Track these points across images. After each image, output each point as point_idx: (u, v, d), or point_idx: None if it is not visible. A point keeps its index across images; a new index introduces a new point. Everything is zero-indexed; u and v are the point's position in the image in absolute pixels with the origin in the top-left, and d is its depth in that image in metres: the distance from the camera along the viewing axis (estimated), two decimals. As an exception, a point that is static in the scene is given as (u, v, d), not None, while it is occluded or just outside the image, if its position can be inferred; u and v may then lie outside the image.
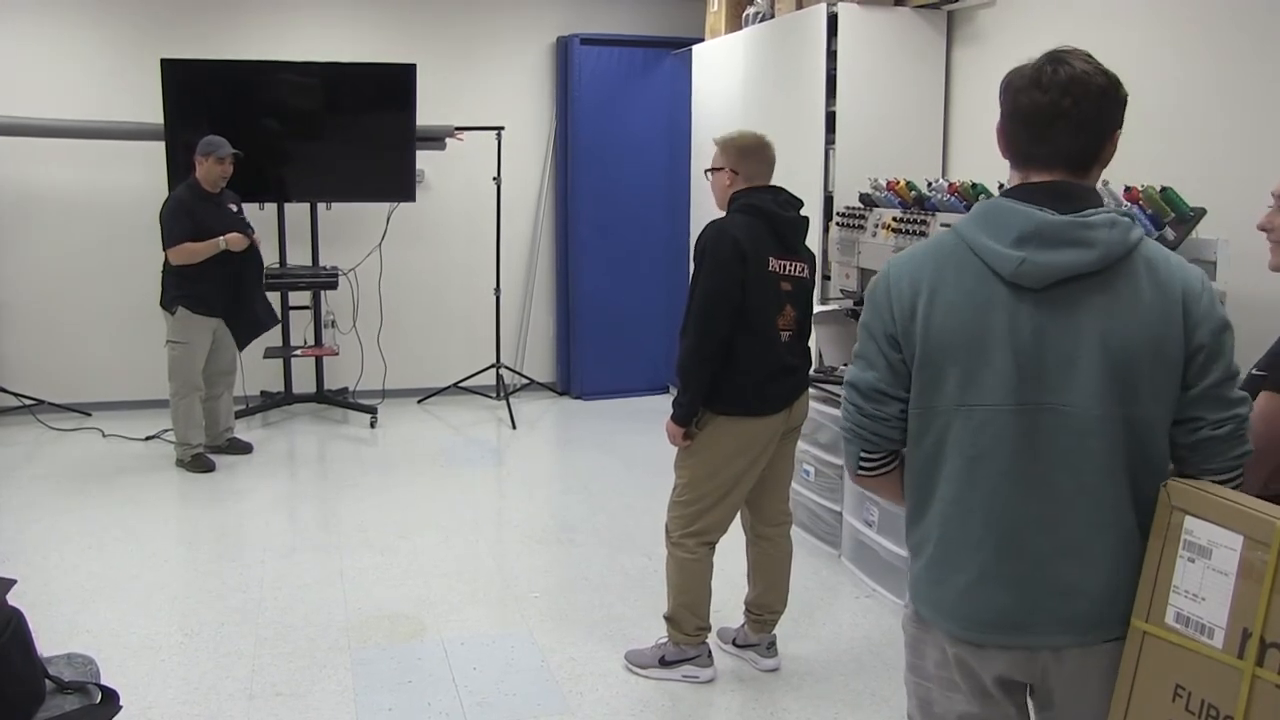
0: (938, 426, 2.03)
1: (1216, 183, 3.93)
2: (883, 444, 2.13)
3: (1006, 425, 1.97)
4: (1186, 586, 1.89)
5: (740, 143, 3.92)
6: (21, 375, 7.68)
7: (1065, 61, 1.96)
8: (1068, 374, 1.95)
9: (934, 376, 2.01)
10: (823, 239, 5.80)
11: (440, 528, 5.62)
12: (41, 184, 7.61)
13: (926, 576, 2.09)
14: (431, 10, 8.14)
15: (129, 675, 3.97)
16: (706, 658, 4.02)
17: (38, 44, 7.48)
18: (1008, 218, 1.97)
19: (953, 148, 5.82)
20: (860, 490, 2.29)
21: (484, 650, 4.26)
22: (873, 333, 2.09)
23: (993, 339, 1.96)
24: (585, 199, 8.35)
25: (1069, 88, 1.94)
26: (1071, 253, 1.92)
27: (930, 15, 5.75)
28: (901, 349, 2.05)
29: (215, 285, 6.47)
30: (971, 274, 1.98)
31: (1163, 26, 4.38)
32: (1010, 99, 2.02)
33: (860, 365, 2.11)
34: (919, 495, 2.11)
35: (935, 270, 2.02)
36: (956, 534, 2.04)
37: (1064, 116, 1.95)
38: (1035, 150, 2.01)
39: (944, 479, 2.04)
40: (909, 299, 2.03)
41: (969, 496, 2.01)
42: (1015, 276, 1.94)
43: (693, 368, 3.72)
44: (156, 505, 5.99)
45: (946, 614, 2.06)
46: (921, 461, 2.08)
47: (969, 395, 1.99)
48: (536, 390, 8.67)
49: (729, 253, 3.69)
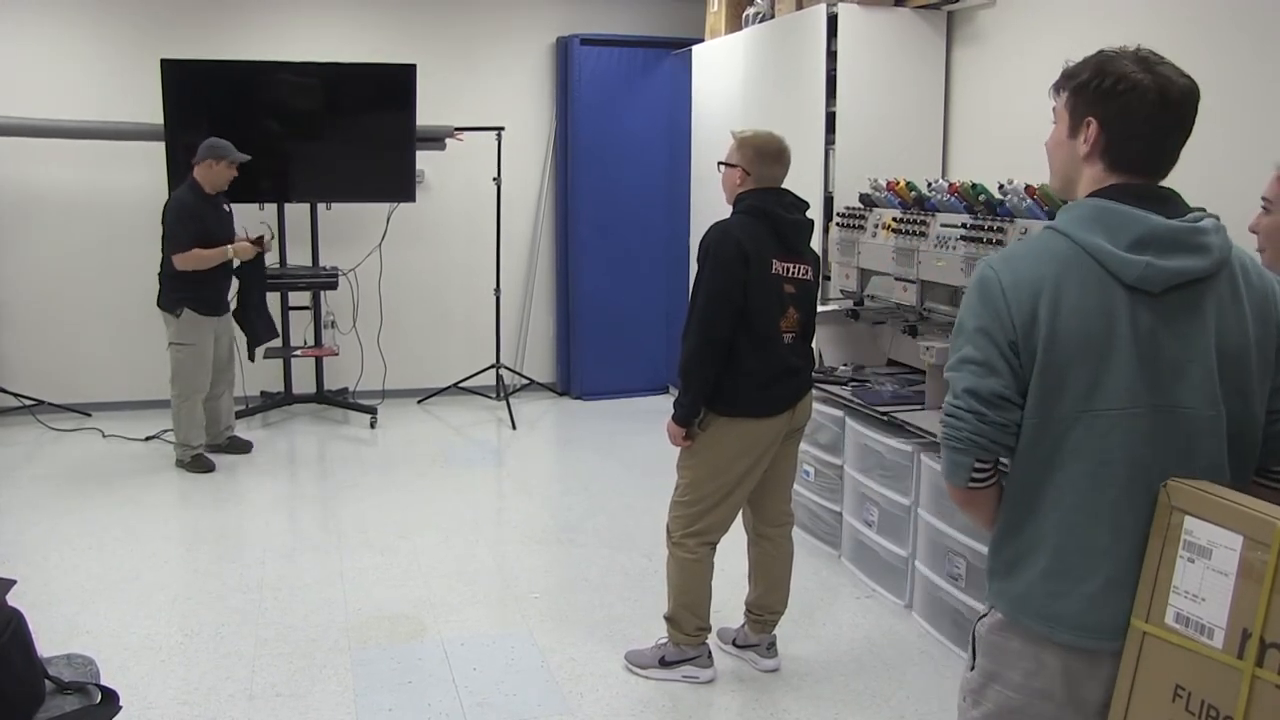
0: (1054, 434, 2.01)
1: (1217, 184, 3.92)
2: (998, 452, 2.07)
3: (1130, 429, 1.97)
4: (1186, 587, 1.89)
5: (758, 145, 3.90)
6: (21, 375, 7.69)
7: (1179, 75, 1.99)
8: (1183, 376, 1.97)
9: (1055, 383, 1.99)
10: (823, 239, 5.79)
11: (440, 528, 5.61)
12: (41, 184, 7.61)
13: (1042, 589, 2.05)
14: (431, 10, 8.14)
15: (129, 676, 3.97)
16: (706, 658, 4.01)
17: (37, 44, 7.48)
18: (1121, 220, 1.97)
19: (953, 148, 5.81)
20: (960, 505, 2.20)
21: (484, 651, 4.26)
22: (992, 338, 2.01)
23: (1116, 343, 1.96)
24: (585, 199, 8.35)
25: (1193, 100, 1.99)
26: (1190, 258, 1.95)
27: (930, 16, 5.74)
28: (1020, 354, 2.00)
29: (219, 287, 6.55)
30: (1093, 278, 1.97)
31: (1163, 27, 4.38)
32: (1140, 113, 1.99)
33: (979, 371, 2.02)
34: (1023, 506, 2.08)
35: (1055, 274, 1.99)
36: (1079, 542, 2.01)
37: (1180, 128, 2.00)
38: (1157, 160, 2.03)
39: (1057, 487, 2.02)
40: (1029, 304, 1.99)
41: (1093, 503, 2.00)
42: (1139, 281, 1.95)
43: (694, 369, 3.73)
44: (156, 506, 5.99)
45: (1069, 625, 2.03)
46: (1029, 471, 2.05)
47: (1094, 401, 1.98)
48: (536, 390, 8.67)
49: (732, 254, 3.69)
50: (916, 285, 4.94)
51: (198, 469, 6.53)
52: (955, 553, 4.26)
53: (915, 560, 4.57)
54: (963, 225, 4.60)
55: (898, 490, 4.65)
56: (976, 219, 4.57)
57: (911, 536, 4.58)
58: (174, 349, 6.46)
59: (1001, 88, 5.40)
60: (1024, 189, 4.37)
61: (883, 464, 4.78)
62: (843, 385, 5.20)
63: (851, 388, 5.14)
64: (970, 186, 4.75)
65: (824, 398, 5.21)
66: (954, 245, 4.64)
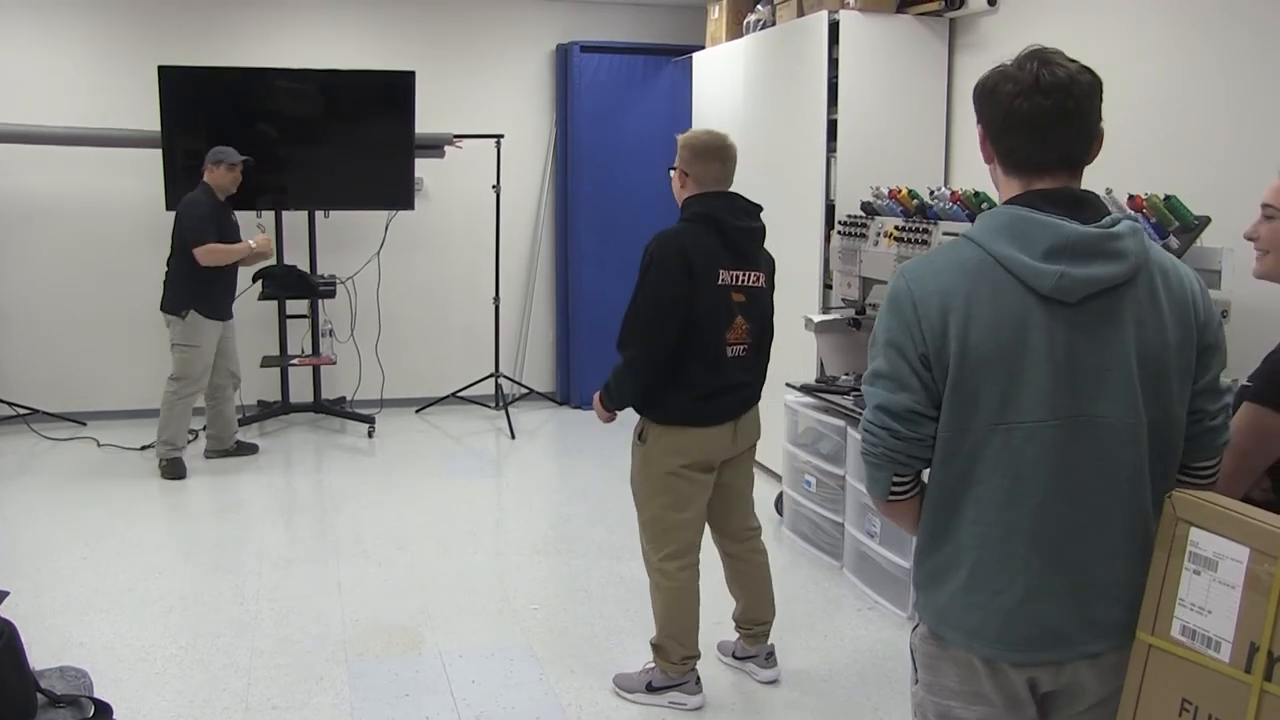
0: (969, 446, 1.98)
1: (1220, 190, 3.90)
2: (915, 466, 2.05)
3: (1047, 441, 1.94)
4: (1192, 599, 1.86)
5: (695, 144, 3.78)
6: (16, 384, 7.66)
7: (1054, 62, 1.94)
8: (1102, 384, 1.93)
9: (968, 396, 1.95)
10: (824, 248, 5.78)
11: (438, 539, 5.58)
12: (38, 191, 7.59)
13: (961, 601, 2.03)
14: (431, 17, 8.13)
15: (123, 689, 3.93)
16: (694, 684, 3.93)
17: (35, 51, 7.47)
18: (1033, 229, 1.93)
19: (955, 156, 5.80)
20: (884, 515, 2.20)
21: (482, 663, 4.22)
22: (902, 352, 1.99)
23: (1030, 355, 1.92)
24: (585, 207, 8.34)
25: (1070, 89, 1.92)
26: (1105, 265, 1.91)
27: (932, 22, 5.72)
28: (932, 368, 1.97)
29: (227, 291, 6.63)
30: (1005, 289, 1.93)
31: (1166, 33, 4.35)
32: (1004, 105, 1.96)
33: (889, 386, 2.00)
34: (942, 518, 2.05)
35: (966, 286, 1.95)
36: (997, 555, 1.99)
37: (1068, 118, 1.93)
38: (1041, 156, 1.97)
39: (976, 499, 1.99)
40: (938, 317, 1.95)
41: (1011, 516, 1.97)
42: (1053, 292, 1.90)
43: (629, 379, 3.67)
44: (151, 516, 5.96)
45: (988, 638, 2.02)
46: (947, 483, 2.02)
47: (1008, 413, 1.94)
48: (536, 400, 8.64)
49: (674, 264, 3.59)
50: (918, 294, 4.89)
51: (171, 474, 6.51)
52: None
53: (918, 571, 4.51)
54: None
55: (900, 501, 4.60)
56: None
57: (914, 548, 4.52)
58: (178, 350, 6.48)
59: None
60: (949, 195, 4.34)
61: (885, 474, 4.72)
62: (844, 395, 5.17)
63: (853, 397, 5.10)
64: (973, 194, 4.73)
65: (825, 407, 5.19)
66: (956, 254, 4.59)
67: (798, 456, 5.45)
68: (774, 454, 5.88)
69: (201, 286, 6.42)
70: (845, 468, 5.02)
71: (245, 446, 7.03)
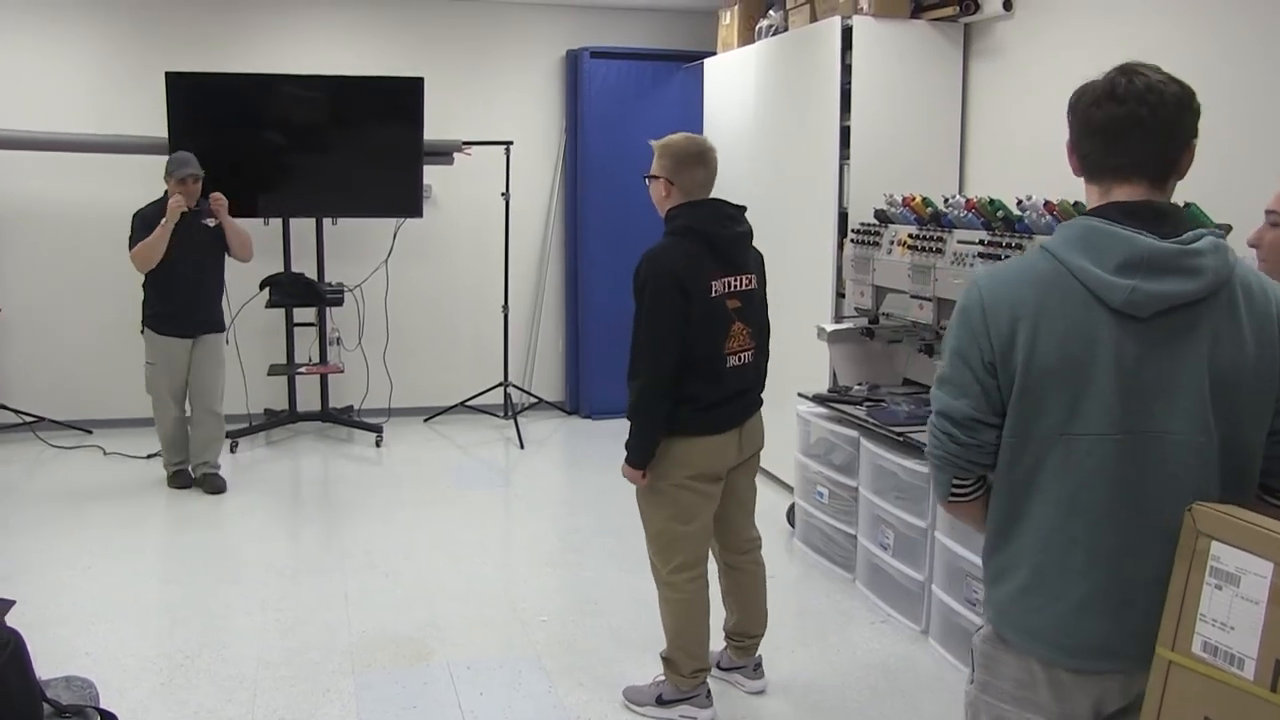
0: (1034, 454, 2.02)
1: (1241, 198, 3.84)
2: (975, 470, 2.13)
3: (1110, 454, 1.96)
4: (1214, 615, 1.85)
5: (676, 150, 3.74)
6: (22, 391, 7.64)
7: (1138, 72, 1.97)
8: (1170, 400, 1.95)
9: (1034, 405, 1.99)
10: (837, 256, 5.73)
11: (446, 549, 5.54)
12: (44, 198, 7.58)
13: (1020, 603, 2.08)
14: (440, 23, 8.10)
15: (128, 699, 3.90)
16: (705, 698, 3.89)
17: (41, 57, 7.47)
18: (1108, 242, 1.94)
19: (970, 163, 5.75)
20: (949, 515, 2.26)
21: (490, 675, 4.18)
22: (967, 359, 2.05)
23: (1098, 367, 1.95)
24: (595, 215, 8.30)
25: (1145, 96, 1.94)
26: (1180, 281, 1.91)
27: (947, 28, 5.68)
28: (998, 375, 2.02)
29: (185, 305, 6.26)
30: (1077, 301, 1.96)
31: (1187, 41, 4.32)
32: (1083, 115, 2.01)
33: (951, 392, 2.08)
34: (1006, 521, 2.10)
35: (1037, 296, 1.98)
36: (1056, 561, 2.02)
37: (1140, 124, 1.95)
38: (1111, 161, 2.00)
39: (1039, 505, 2.03)
40: (1008, 326, 1.99)
41: (1071, 525, 2.00)
42: (1124, 306, 1.92)
43: (646, 409, 3.62)
44: (158, 525, 5.93)
45: (1044, 640, 2.05)
46: (1012, 488, 2.07)
47: (1073, 424, 1.97)
48: (545, 409, 8.60)
49: (668, 287, 3.56)
50: (933, 303, 4.87)
51: (175, 484, 6.46)
52: (973, 577, 4.16)
53: (932, 584, 4.48)
54: (980, 242, 4.53)
55: (914, 513, 4.56)
56: (994, 235, 4.50)
57: (928, 560, 4.48)
58: (145, 366, 6.38)
59: (1020, 101, 5.33)
60: (1043, 205, 4.31)
61: (898, 486, 4.69)
62: (857, 405, 5.12)
63: (866, 407, 5.05)
64: (988, 202, 4.68)
65: (838, 417, 5.14)
66: (971, 262, 4.57)
67: (809, 467, 5.40)
68: (786, 465, 5.85)
69: (155, 303, 6.23)
70: (858, 479, 4.96)
71: (211, 482, 6.43)
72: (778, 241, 5.59)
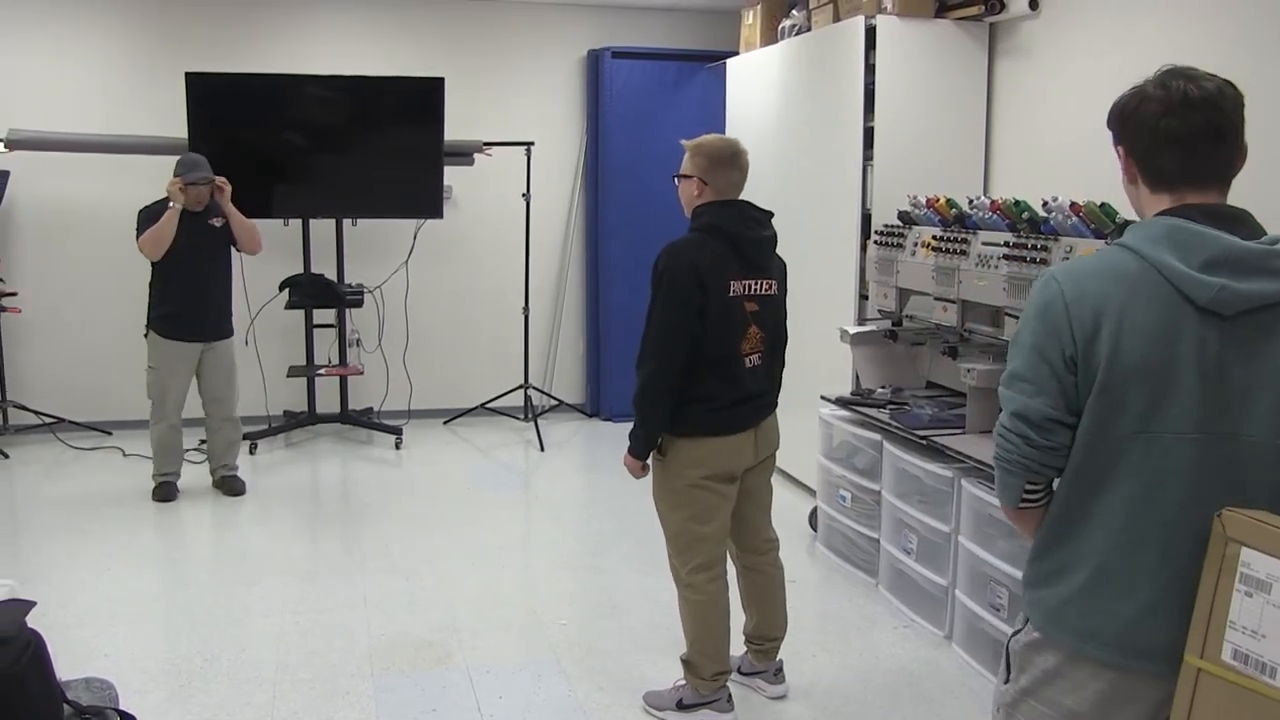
0: (1108, 454, 1.98)
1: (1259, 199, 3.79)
2: (1049, 474, 2.07)
3: (1188, 454, 1.93)
4: (1244, 622, 1.82)
5: (711, 151, 3.75)
6: (42, 393, 7.67)
7: (1200, 77, 1.96)
8: (1249, 403, 1.93)
9: (1115, 403, 1.96)
10: (860, 258, 5.69)
11: (465, 552, 5.52)
12: (64, 199, 7.60)
13: (1079, 603, 2.03)
14: (460, 23, 8.09)
15: (147, 701, 3.89)
16: (726, 702, 3.86)
17: (61, 58, 7.50)
18: (1195, 240, 1.92)
19: (995, 164, 5.70)
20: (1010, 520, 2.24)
21: (510, 679, 4.16)
22: (1045, 354, 1.99)
23: (1181, 365, 1.93)
24: (616, 216, 8.28)
25: (1220, 103, 1.94)
26: (1267, 281, 1.90)
27: (972, 27, 5.63)
28: (1078, 372, 1.98)
29: (192, 308, 6.16)
30: (1162, 297, 1.93)
31: (1213, 38, 4.27)
32: (1151, 124, 1.98)
33: (1026, 390, 2.02)
34: (1066, 522, 2.06)
35: (1122, 292, 1.95)
36: (1126, 562, 1.99)
37: (1219, 132, 1.95)
38: (1193, 171, 1.98)
39: (1107, 505, 2.00)
40: (1091, 320, 1.95)
41: (1143, 525, 1.97)
42: (1211, 303, 1.91)
43: (650, 400, 3.61)
44: (176, 527, 5.93)
45: (1106, 642, 2.01)
46: (1077, 487, 2.03)
47: (1152, 423, 1.94)
48: (565, 412, 8.58)
49: (686, 279, 3.55)
50: (957, 305, 4.82)
51: (158, 496, 6.28)
52: (997, 582, 4.12)
53: (955, 589, 4.43)
54: (1005, 244, 4.48)
55: (937, 517, 4.52)
56: (1019, 237, 4.45)
57: (952, 565, 4.44)
58: (146, 370, 6.25)
59: (1045, 101, 5.28)
60: (1069, 206, 4.26)
61: (922, 490, 4.65)
62: (880, 408, 5.08)
63: (889, 410, 5.02)
64: (1013, 204, 4.64)
65: (861, 420, 5.10)
66: (996, 264, 4.52)
67: (832, 471, 5.36)
68: (808, 468, 5.81)
69: (160, 304, 6.13)
70: (880, 483, 4.92)
71: (231, 484, 6.45)
72: (800, 243, 5.56)
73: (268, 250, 6.62)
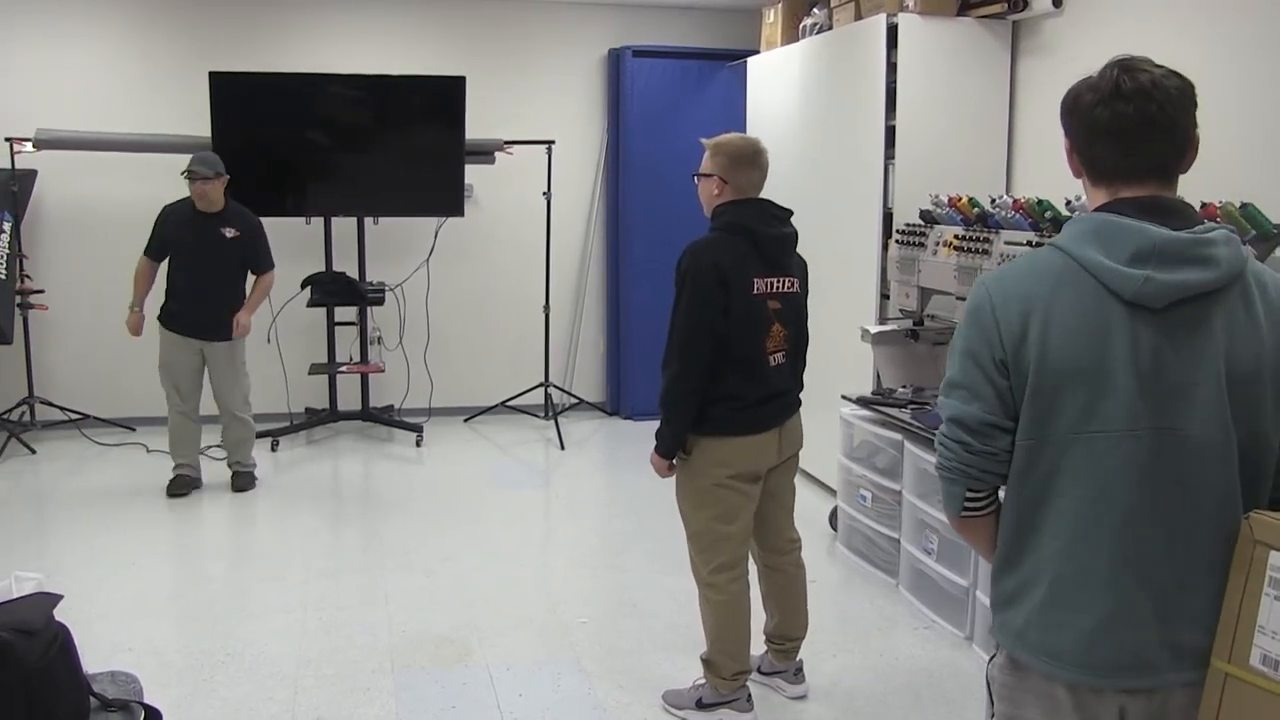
0: (1048, 458, 1.92)
1: None
2: (990, 481, 2.01)
3: (1130, 453, 1.87)
4: (1273, 627, 1.79)
5: (732, 150, 3.75)
6: (67, 389, 7.71)
7: (1138, 68, 1.90)
8: (1187, 397, 1.86)
9: (1048, 405, 1.90)
10: (881, 257, 5.68)
11: (486, 550, 5.53)
12: (89, 197, 7.64)
13: (1038, 622, 1.96)
14: (481, 22, 8.10)
15: (170, 694, 3.91)
16: (745, 701, 3.86)
17: (85, 57, 7.53)
18: (1121, 234, 1.87)
19: (1017, 163, 5.67)
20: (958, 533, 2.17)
21: (530, 677, 4.17)
22: (978, 360, 1.96)
23: (1114, 362, 1.87)
24: (637, 214, 8.28)
25: (1153, 94, 1.87)
26: (1194, 271, 1.85)
27: (994, 26, 5.61)
28: (1010, 376, 1.93)
29: (192, 305, 6.24)
30: (1088, 294, 1.88)
31: (1238, 36, 4.24)
32: (1087, 115, 1.94)
33: (962, 397, 1.98)
34: (1020, 536, 2.00)
35: (1048, 290, 1.91)
36: (1078, 573, 1.92)
37: (1152, 124, 1.88)
38: (1127, 163, 1.92)
39: (1056, 515, 1.93)
40: (1018, 322, 1.92)
41: (1093, 532, 1.90)
42: (1137, 296, 1.85)
43: (677, 400, 3.61)
44: (199, 523, 5.96)
45: (1068, 661, 1.94)
46: (1025, 497, 1.97)
47: (1091, 422, 1.88)
48: (585, 410, 8.58)
49: (709, 278, 3.55)
50: (979, 305, 4.79)
51: (172, 491, 6.32)
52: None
53: (976, 590, 4.41)
54: (1028, 243, 4.47)
55: (959, 516, 4.49)
56: (1042, 237, 4.44)
57: (973, 565, 4.42)
58: None
59: (1068, 101, 5.24)
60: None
61: (943, 489, 4.62)
62: (901, 408, 5.06)
63: (910, 410, 5.00)
64: (1036, 203, 4.62)
65: (882, 420, 5.08)
66: (1019, 263, 4.49)
67: (852, 470, 5.34)
68: (828, 467, 5.79)
69: (167, 299, 6.28)
70: (902, 482, 4.91)
71: (241, 479, 6.47)
72: (822, 242, 5.54)
73: (290, 248, 6.66)
